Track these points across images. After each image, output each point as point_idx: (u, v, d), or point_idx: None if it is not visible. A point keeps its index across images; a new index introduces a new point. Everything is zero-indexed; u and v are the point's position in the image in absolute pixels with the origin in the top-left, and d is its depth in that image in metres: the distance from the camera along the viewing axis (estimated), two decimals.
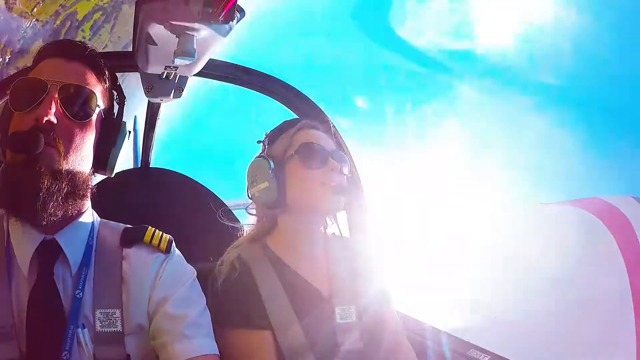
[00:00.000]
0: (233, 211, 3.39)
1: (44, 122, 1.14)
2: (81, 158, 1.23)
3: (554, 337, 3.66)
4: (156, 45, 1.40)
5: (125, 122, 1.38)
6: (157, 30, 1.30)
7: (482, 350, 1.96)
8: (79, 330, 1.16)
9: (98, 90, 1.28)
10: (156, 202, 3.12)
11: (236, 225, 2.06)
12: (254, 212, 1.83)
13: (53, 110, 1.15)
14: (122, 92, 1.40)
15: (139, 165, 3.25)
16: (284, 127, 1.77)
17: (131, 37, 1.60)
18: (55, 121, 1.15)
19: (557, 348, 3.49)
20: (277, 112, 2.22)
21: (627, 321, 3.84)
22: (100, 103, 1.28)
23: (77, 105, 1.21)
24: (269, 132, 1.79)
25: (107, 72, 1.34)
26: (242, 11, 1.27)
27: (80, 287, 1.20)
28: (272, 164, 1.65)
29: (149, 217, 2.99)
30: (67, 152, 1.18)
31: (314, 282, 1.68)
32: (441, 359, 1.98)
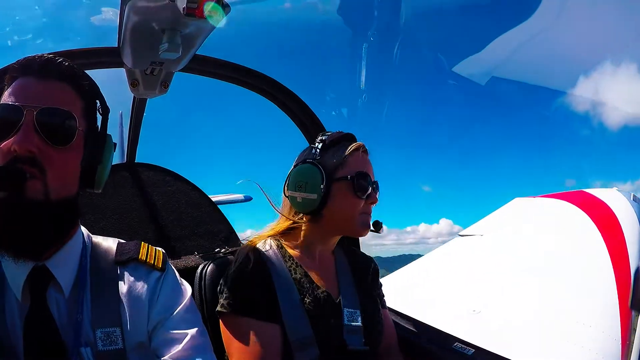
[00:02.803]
0: (218, 207, 3.43)
1: (23, 152, 1.06)
2: (67, 183, 1.17)
3: (539, 328, 3.70)
4: (141, 41, 1.40)
5: (110, 135, 1.30)
6: (142, 26, 1.30)
7: (466, 343, 1.99)
8: (82, 349, 1.15)
9: (78, 107, 1.20)
10: (142, 197, 3.12)
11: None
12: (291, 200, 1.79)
13: (32, 138, 1.08)
14: (105, 102, 1.30)
15: (125, 161, 3.24)
16: (340, 139, 1.81)
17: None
18: (35, 150, 1.08)
19: (541, 338, 3.53)
20: None
21: (612, 313, 3.90)
22: (81, 123, 1.19)
23: (57, 130, 1.12)
24: (324, 136, 1.82)
25: (87, 84, 1.25)
26: (227, 6, 1.27)
27: (79, 310, 1.18)
28: (325, 178, 1.70)
29: (135, 212, 3.02)
30: (51, 181, 1.10)
31: (324, 284, 1.74)
32: (427, 353, 2.02)
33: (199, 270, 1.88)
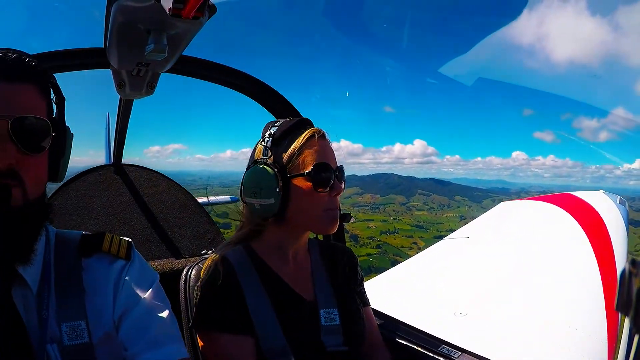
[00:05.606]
0: (204, 208, 3.43)
1: (3, 167, 1.04)
2: (41, 184, 1.17)
3: (525, 330, 3.72)
4: (128, 41, 1.40)
5: (68, 127, 1.25)
6: (128, 27, 1.30)
7: (453, 346, 2.00)
8: (48, 346, 1.12)
9: (44, 106, 1.17)
10: (129, 198, 3.12)
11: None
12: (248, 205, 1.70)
13: (9, 150, 1.05)
14: (60, 91, 1.24)
15: (111, 162, 3.24)
16: (291, 128, 1.66)
17: None
18: (14, 162, 1.06)
19: (527, 341, 3.54)
20: None
21: (598, 315, 3.93)
22: (52, 126, 1.16)
23: (32, 139, 1.09)
24: (271, 130, 1.67)
25: (49, 81, 1.21)
26: (213, 7, 1.27)
27: (45, 306, 1.15)
28: (279, 179, 1.58)
29: (121, 213, 3.01)
30: (30, 187, 1.09)
31: (298, 286, 1.69)
32: (414, 356, 2.02)
33: (184, 273, 1.86)
